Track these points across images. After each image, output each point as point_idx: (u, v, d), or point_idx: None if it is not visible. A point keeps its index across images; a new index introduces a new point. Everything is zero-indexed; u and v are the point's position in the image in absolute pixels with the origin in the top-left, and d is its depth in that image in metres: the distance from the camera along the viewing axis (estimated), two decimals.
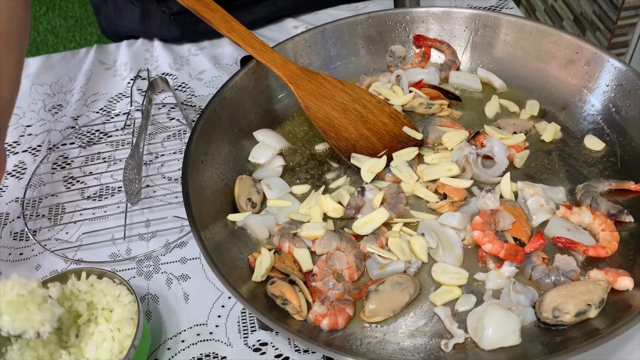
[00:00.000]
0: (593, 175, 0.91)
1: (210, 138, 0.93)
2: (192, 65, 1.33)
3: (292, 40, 1.06)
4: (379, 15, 1.09)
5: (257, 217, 0.88)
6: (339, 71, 1.10)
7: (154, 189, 1.07)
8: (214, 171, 0.92)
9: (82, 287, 0.81)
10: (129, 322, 0.78)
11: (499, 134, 0.94)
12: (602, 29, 2.47)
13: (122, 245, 1.00)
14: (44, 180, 1.11)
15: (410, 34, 1.11)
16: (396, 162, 0.92)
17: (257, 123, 1.02)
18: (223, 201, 0.91)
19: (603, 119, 0.97)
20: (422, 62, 1.10)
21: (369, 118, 0.98)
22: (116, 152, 1.15)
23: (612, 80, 0.95)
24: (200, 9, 0.96)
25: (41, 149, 1.18)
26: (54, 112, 1.26)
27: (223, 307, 0.90)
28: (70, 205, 1.06)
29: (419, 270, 0.82)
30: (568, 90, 1.01)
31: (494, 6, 1.40)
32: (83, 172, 1.12)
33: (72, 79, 1.33)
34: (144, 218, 1.03)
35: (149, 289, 0.93)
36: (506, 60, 1.07)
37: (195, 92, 1.26)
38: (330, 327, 0.76)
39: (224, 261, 0.80)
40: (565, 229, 0.83)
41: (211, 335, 0.87)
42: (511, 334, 0.72)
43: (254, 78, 1.02)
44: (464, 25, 1.08)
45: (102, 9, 1.48)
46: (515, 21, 1.04)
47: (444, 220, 0.85)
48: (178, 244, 0.99)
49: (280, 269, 0.82)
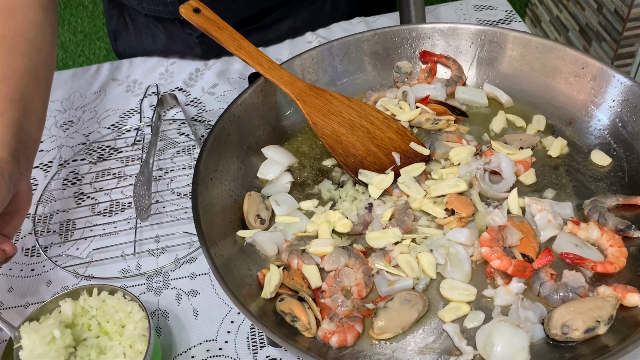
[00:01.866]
0: (600, 190, 0.92)
1: (219, 155, 0.94)
2: (205, 79, 1.35)
3: (299, 58, 1.07)
4: (385, 32, 1.10)
5: (265, 234, 0.88)
6: (346, 87, 1.11)
7: (164, 204, 1.08)
8: (223, 188, 0.93)
9: (93, 304, 0.82)
10: (140, 338, 0.79)
11: (506, 149, 0.95)
12: (608, 39, 2.48)
13: (132, 261, 1.00)
14: (55, 196, 1.12)
15: (417, 49, 1.12)
16: (403, 178, 0.92)
17: (265, 139, 1.03)
18: (232, 217, 0.92)
19: (610, 134, 0.97)
20: (429, 78, 1.11)
21: (376, 134, 0.98)
22: (126, 168, 1.16)
23: (619, 95, 0.96)
24: (209, 28, 0.97)
25: (52, 165, 1.19)
26: (65, 128, 1.27)
27: (232, 322, 0.91)
28: (80, 221, 1.07)
29: (428, 286, 0.83)
30: (574, 105, 1.01)
31: (502, 19, 1.41)
32: (93, 188, 1.13)
33: (83, 95, 1.35)
34: (153, 234, 1.04)
35: (159, 304, 0.94)
36: (512, 75, 1.07)
37: (207, 107, 1.27)
38: (340, 344, 0.76)
39: (233, 278, 0.80)
40: (573, 244, 0.83)
41: (220, 351, 0.87)
42: (520, 351, 0.72)
43: (262, 95, 1.03)
44: (470, 41, 1.09)
45: (120, 34, 1.49)
46: (521, 37, 1.05)
47: (452, 236, 0.85)
48: (187, 260, 1.00)
49: (289, 286, 0.83)
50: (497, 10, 1.45)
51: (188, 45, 1.40)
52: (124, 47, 1.50)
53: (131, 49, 1.48)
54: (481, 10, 1.45)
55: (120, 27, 1.47)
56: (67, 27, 2.74)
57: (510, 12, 1.43)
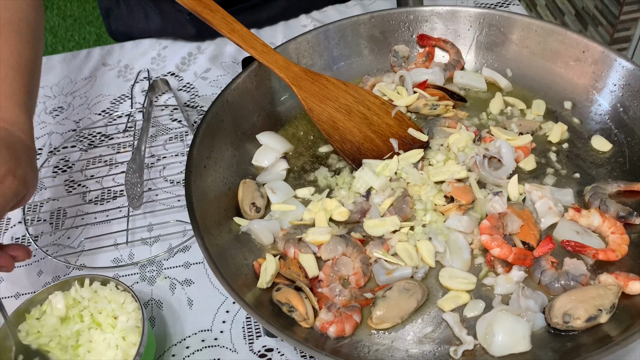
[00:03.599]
0: (601, 177, 0.90)
1: (212, 142, 0.92)
2: (198, 63, 1.32)
3: (294, 41, 1.04)
4: (382, 15, 1.08)
5: (261, 222, 0.87)
6: (342, 72, 1.09)
7: (156, 192, 1.06)
8: (217, 175, 0.91)
9: (85, 294, 0.80)
10: (134, 330, 0.77)
11: (506, 134, 0.93)
12: (605, 23, 2.46)
13: (125, 250, 0.99)
14: (45, 184, 1.10)
15: (414, 33, 1.10)
16: (402, 165, 0.91)
17: (260, 126, 1.01)
18: (227, 205, 0.90)
19: (611, 119, 0.96)
20: (426, 62, 1.09)
21: (374, 120, 0.96)
22: (118, 155, 1.13)
23: (620, 79, 0.94)
24: (200, 10, 0.94)
25: (42, 153, 1.17)
26: (54, 114, 1.25)
27: (227, 312, 0.89)
28: (71, 210, 1.05)
29: (427, 275, 0.81)
30: (575, 90, 1.00)
31: (500, 2, 1.39)
32: (84, 175, 1.11)
33: (73, 80, 1.32)
34: (146, 222, 1.02)
35: (153, 294, 0.92)
36: (511, 59, 1.06)
37: (199, 92, 1.25)
38: (338, 334, 0.75)
39: (228, 267, 0.79)
40: (574, 232, 0.82)
41: (216, 341, 0.86)
42: (521, 340, 0.71)
43: (257, 80, 1.00)
44: (469, 24, 1.07)
45: (112, 12, 1.46)
46: (521, 20, 1.03)
47: (451, 223, 0.84)
48: (181, 249, 0.98)
49: (286, 275, 0.81)
50: None
51: (181, 24, 1.37)
52: (117, 25, 1.47)
53: (124, 28, 1.45)
54: None
55: (112, 4, 1.44)
56: (56, 12, 2.70)
57: None
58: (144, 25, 1.40)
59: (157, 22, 1.39)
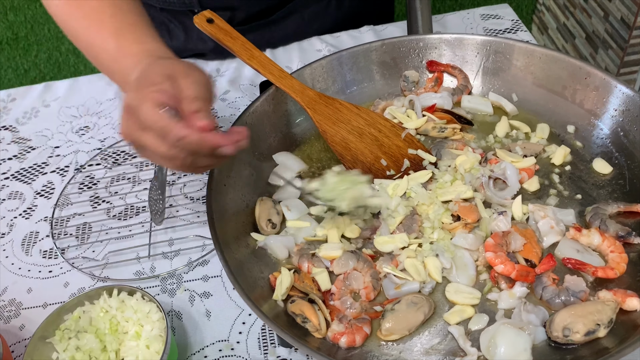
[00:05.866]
0: (602, 198, 0.94)
1: (232, 161, 0.97)
2: (217, 85, 1.38)
3: (309, 67, 1.10)
4: (393, 42, 1.13)
5: (277, 238, 0.91)
6: (355, 96, 1.14)
7: (177, 208, 1.11)
8: (235, 193, 0.96)
9: (112, 304, 0.85)
10: (157, 339, 0.82)
11: (511, 157, 0.98)
12: (615, 47, 2.50)
13: (147, 263, 1.04)
14: (72, 200, 1.16)
15: (424, 59, 1.15)
16: (411, 184, 0.95)
17: (276, 146, 1.06)
18: (244, 222, 0.95)
19: (612, 143, 1.00)
20: (435, 87, 1.14)
21: (384, 142, 1.01)
22: (140, 173, 1.19)
23: (620, 105, 0.98)
24: (222, 37, 1.00)
25: (69, 170, 1.23)
26: (80, 133, 1.31)
27: (244, 324, 0.94)
28: (96, 225, 1.11)
29: (434, 290, 0.85)
30: (577, 114, 1.04)
31: (508, 28, 1.44)
32: (109, 192, 1.17)
33: (99, 101, 1.38)
34: (167, 237, 1.07)
35: (173, 305, 0.97)
36: (517, 84, 1.10)
37: (219, 113, 1.31)
38: (348, 344, 0.79)
39: (245, 280, 0.84)
40: (574, 250, 0.86)
41: (233, 351, 0.90)
42: (522, 352, 0.75)
43: (273, 103, 1.06)
44: (476, 51, 1.12)
45: None
46: (525, 47, 1.07)
47: (458, 241, 0.88)
48: (200, 262, 1.03)
49: (300, 288, 0.86)
50: (504, 20, 1.47)
51: (202, 39, 1.43)
52: None
53: None
54: (488, 20, 1.48)
55: None
56: None
57: (516, 21, 1.46)
58: (167, 42, 1.46)
59: (181, 39, 1.46)
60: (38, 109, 1.38)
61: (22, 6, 2.63)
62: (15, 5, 2.61)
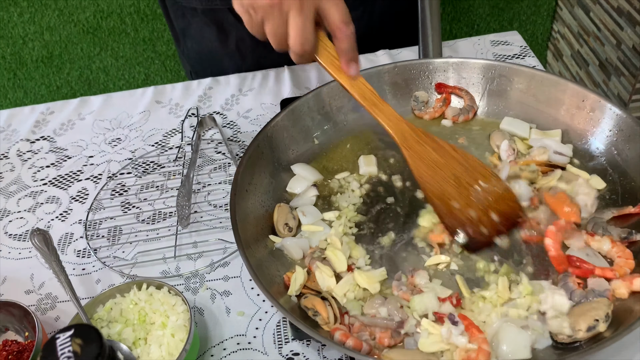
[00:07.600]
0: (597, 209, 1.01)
1: (254, 170, 1.05)
2: (241, 104, 1.47)
3: (327, 86, 1.18)
4: (404, 65, 1.22)
5: (293, 240, 1.00)
6: (367, 114, 1.22)
7: (201, 214, 1.20)
8: (256, 199, 1.05)
9: (142, 297, 0.94)
10: (182, 328, 0.90)
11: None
12: (627, 74, 2.55)
13: (172, 263, 1.12)
14: (104, 205, 1.25)
15: (433, 81, 1.23)
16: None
17: (294, 158, 1.15)
18: (264, 225, 1.03)
19: (606, 161, 1.07)
20: (443, 107, 1.22)
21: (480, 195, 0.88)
22: (168, 182, 1.28)
23: (614, 125, 1.06)
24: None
25: (102, 177, 1.32)
26: (113, 145, 1.41)
27: (260, 320, 1.01)
28: (126, 228, 1.19)
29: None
30: (575, 134, 1.11)
31: (517, 54, 1.52)
32: (138, 198, 1.25)
33: (130, 115, 1.49)
34: (191, 240, 1.15)
35: (196, 302, 1.05)
36: (519, 106, 1.17)
37: (242, 129, 1.40)
38: (354, 347, 0.85)
39: (264, 277, 0.91)
40: (584, 254, 0.92)
41: (249, 345, 0.98)
42: (523, 349, 0.80)
43: (293, 119, 1.15)
44: (481, 74, 1.20)
45: (188, 32, 1.58)
46: (527, 71, 1.15)
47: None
48: (221, 264, 1.11)
49: (312, 287, 0.93)
50: (513, 46, 1.55)
51: (241, 39, 1.49)
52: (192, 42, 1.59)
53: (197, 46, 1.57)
54: (497, 46, 1.56)
55: (186, 25, 1.57)
56: (110, 53, 2.93)
57: (524, 47, 1.54)
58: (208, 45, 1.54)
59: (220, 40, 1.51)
60: (74, 121, 1.49)
61: (58, 26, 2.78)
62: (52, 25, 2.75)
